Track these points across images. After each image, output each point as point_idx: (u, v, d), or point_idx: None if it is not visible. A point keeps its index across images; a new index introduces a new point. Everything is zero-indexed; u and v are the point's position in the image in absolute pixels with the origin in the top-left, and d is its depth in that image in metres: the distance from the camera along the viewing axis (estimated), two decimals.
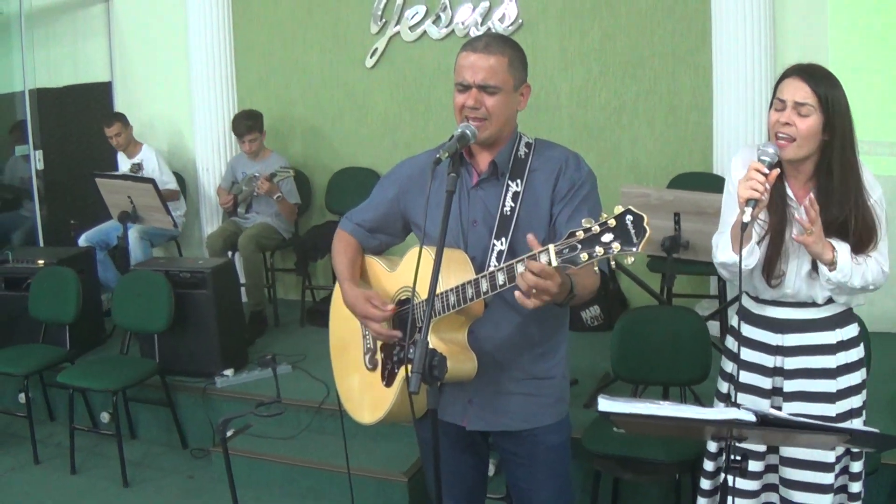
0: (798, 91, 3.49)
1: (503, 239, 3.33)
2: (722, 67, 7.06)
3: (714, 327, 6.53)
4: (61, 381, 6.40)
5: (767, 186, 3.39)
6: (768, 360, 3.77)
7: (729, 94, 7.03)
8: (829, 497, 3.69)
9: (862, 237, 3.55)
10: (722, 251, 3.62)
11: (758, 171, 3.39)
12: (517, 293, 2.94)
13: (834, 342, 3.71)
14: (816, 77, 3.51)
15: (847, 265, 3.48)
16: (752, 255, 3.58)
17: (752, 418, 2.73)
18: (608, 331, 6.35)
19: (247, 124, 8.13)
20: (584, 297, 3.19)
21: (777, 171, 3.45)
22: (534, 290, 2.89)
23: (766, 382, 3.78)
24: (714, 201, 5.64)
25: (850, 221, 3.53)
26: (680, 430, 3.48)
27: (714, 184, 6.87)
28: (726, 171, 6.84)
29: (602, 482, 5.06)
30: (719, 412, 2.86)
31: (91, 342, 7.63)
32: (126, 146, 8.66)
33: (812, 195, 3.51)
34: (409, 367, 2.89)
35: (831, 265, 3.48)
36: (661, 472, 4.88)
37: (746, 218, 3.36)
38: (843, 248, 3.50)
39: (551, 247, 2.84)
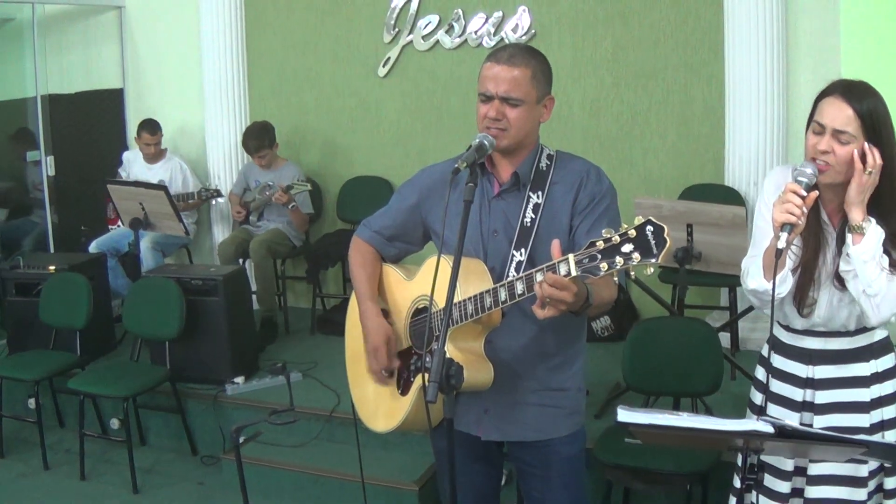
0: (838, 116, 3.26)
1: (523, 250, 3.33)
2: (734, 79, 7.06)
3: (725, 338, 6.52)
4: (72, 387, 6.42)
5: (805, 210, 3.17)
6: (797, 394, 3.59)
7: (741, 105, 7.02)
8: None
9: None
10: (753, 278, 3.42)
11: (794, 192, 3.17)
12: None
13: (868, 374, 3.53)
14: (859, 95, 3.30)
15: (872, 248, 3.25)
16: (785, 283, 3.39)
17: (770, 430, 2.72)
18: (619, 341, 6.37)
19: (254, 144, 8.13)
20: (600, 307, 3.20)
21: (815, 193, 3.24)
22: (548, 300, 2.90)
23: (793, 417, 3.57)
24: (726, 213, 5.68)
25: (891, 252, 3.34)
26: (697, 442, 3.47)
27: (726, 196, 6.89)
28: (740, 180, 6.93)
29: (613, 492, 5.06)
30: (738, 423, 2.81)
31: (102, 348, 7.62)
32: (156, 153, 8.69)
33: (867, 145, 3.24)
34: (426, 375, 2.89)
35: (858, 231, 3.25)
36: (673, 483, 4.88)
37: (781, 244, 3.16)
38: (876, 232, 3.27)
39: (571, 256, 2.85)
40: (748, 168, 7.02)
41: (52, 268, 7.37)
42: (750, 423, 2.77)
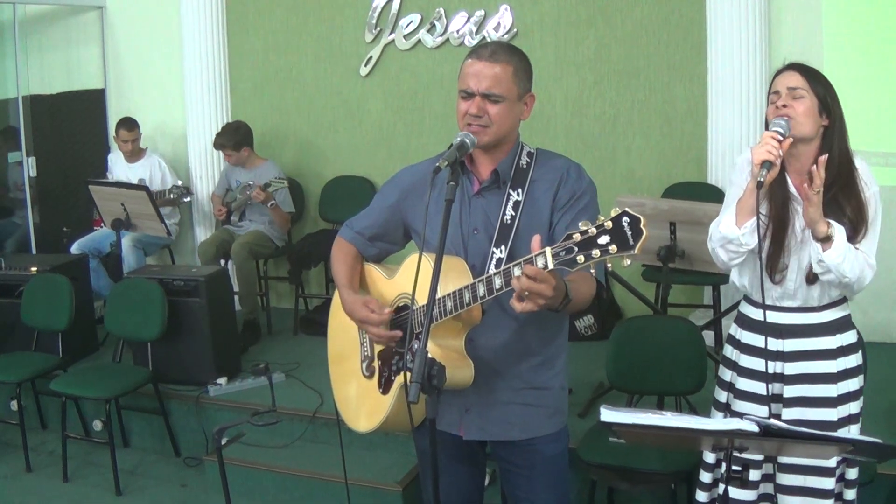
0: (790, 78, 3.63)
1: (503, 247, 3.32)
2: (717, 77, 7.08)
3: (709, 337, 6.52)
4: (54, 388, 6.37)
5: (781, 153, 3.46)
6: (768, 366, 3.75)
7: (724, 104, 7.04)
8: (829, 503, 3.70)
9: (855, 225, 3.60)
10: (725, 224, 3.65)
11: (772, 137, 3.47)
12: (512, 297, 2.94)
13: (835, 347, 3.74)
14: (805, 68, 3.67)
15: (842, 247, 3.49)
16: (753, 235, 3.60)
17: (755, 429, 2.72)
18: (602, 340, 6.36)
19: (218, 141, 8.20)
20: (579, 304, 3.18)
21: (791, 139, 3.53)
22: (526, 293, 2.88)
23: (764, 388, 3.76)
24: (710, 211, 5.65)
25: (845, 207, 3.59)
26: (680, 441, 3.47)
27: (709, 193, 6.89)
28: (723, 178, 6.94)
29: (597, 492, 5.06)
30: (722, 423, 2.85)
31: (84, 350, 7.60)
32: (135, 151, 8.67)
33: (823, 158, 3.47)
34: (408, 375, 2.88)
35: (826, 241, 3.49)
36: (657, 482, 4.86)
37: (761, 178, 3.42)
38: (840, 231, 3.52)
39: (548, 249, 2.84)
40: (731, 166, 7.00)
41: (33, 269, 7.34)
42: (735, 423, 2.77)
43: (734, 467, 2.99)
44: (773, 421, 2.81)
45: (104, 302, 7.33)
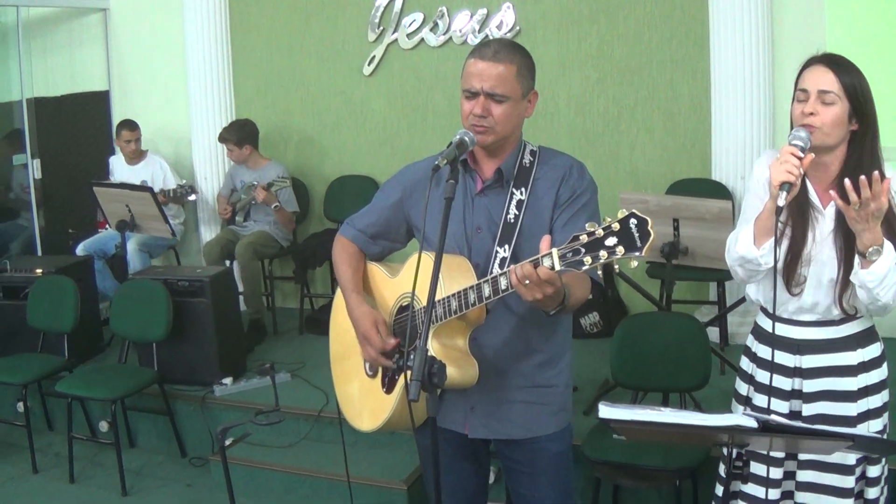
0: (821, 79, 3.37)
1: (507, 246, 3.32)
2: (720, 73, 7.05)
3: (714, 333, 6.52)
4: (60, 390, 6.39)
5: (801, 171, 3.22)
6: (786, 383, 3.61)
7: (727, 99, 7.02)
8: (849, 502, 3.58)
9: (887, 238, 3.32)
10: (742, 244, 3.44)
11: (792, 154, 3.23)
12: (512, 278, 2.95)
13: (855, 363, 3.56)
14: (840, 65, 3.41)
15: (882, 271, 3.26)
16: (772, 254, 3.37)
17: (754, 424, 2.71)
18: (607, 337, 6.34)
19: (223, 135, 8.25)
20: (573, 307, 3.18)
21: (812, 155, 3.27)
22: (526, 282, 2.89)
23: (783, 406, 3.62)
24: (713, 207, 5.66)
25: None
26: (681, 437, 3.46)
27: (713, 190, 6.88)
28: (726, 173, 6.93)
29: (602, 489, 5.05)
30: (721, 418, 2.80)
31: (89, 351, 7.61)
32: (136, 153, 8.68)
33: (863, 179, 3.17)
34: (409, 374, 2.88)
35: (864, 256, 3.27)
36: (662, 479, 4.85)
37: (781, 202, 3.19)
38: (887, 254, 3.28)
39: (554, 251, 2.83)
40: (735, 162, 7.01)
41: (39, 271, 7.36)
42: (733, 418, 2.75)
43: (737, 462, 2.99)
44: (772, 417, 2.80)
45: (110, 303, 7.34)
